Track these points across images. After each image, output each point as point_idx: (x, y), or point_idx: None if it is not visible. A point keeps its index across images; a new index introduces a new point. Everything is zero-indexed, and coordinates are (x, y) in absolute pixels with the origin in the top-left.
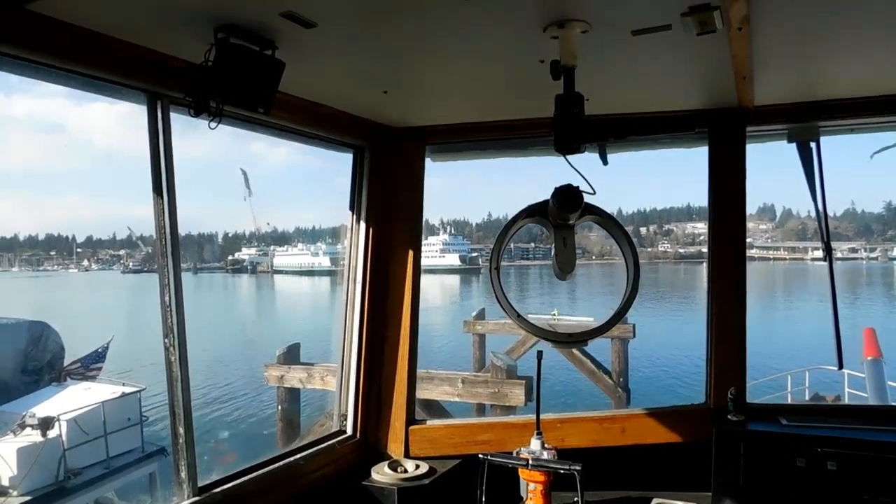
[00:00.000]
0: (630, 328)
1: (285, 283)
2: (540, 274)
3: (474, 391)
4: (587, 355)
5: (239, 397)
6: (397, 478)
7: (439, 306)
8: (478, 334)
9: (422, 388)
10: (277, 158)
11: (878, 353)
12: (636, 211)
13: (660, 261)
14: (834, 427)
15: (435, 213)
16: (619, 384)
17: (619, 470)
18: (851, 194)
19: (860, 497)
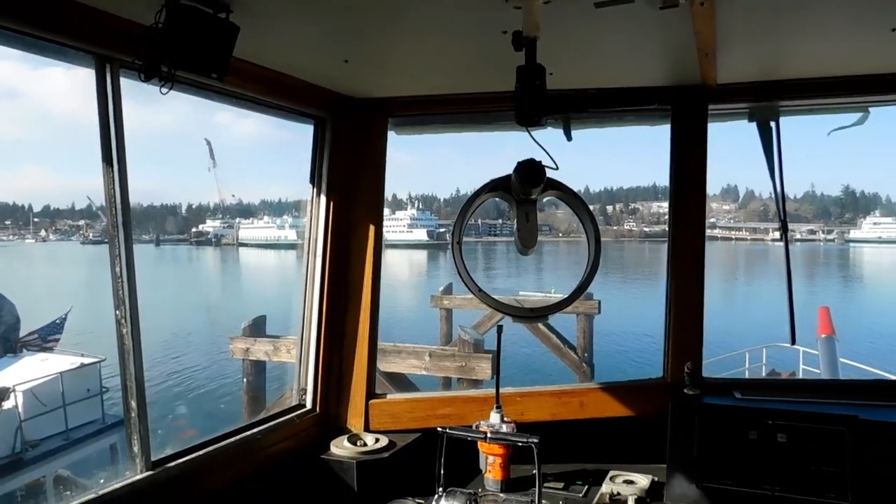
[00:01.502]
0: (595, 304)
1: (251, 257)
2: (507, 250)
3: (441, 364)
4: (553, 331)
5: (203, 371)
6: (356, 451)
7: (407, 281)
8: (445, 309)
9: (388, 361)
10: (244, 130)
11: (832, 330)
12: (603, 189)
13: (625, 239)
14: (785, 401)
15: (403, 188)
16: (583, 359)
17: (578, 443)
18: (811, 177)
19: (808, 467)
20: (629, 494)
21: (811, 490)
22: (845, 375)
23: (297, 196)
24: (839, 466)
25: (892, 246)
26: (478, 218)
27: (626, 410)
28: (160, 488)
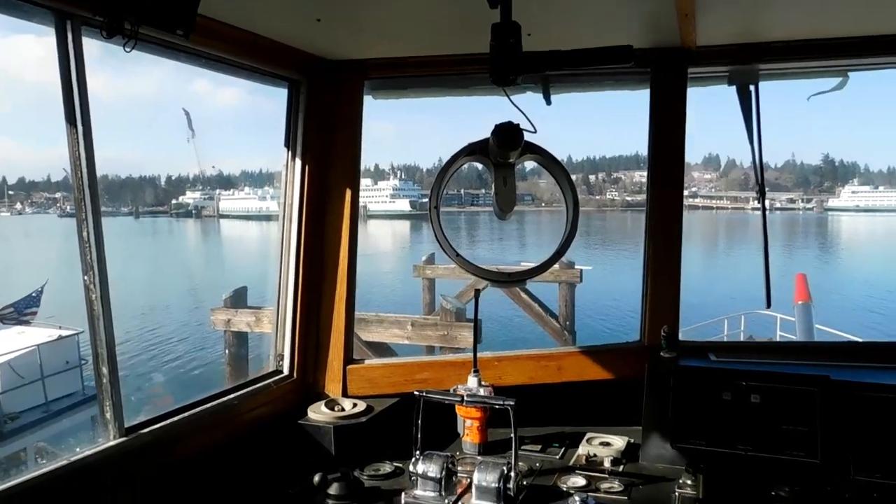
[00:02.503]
0: (577, 273)
1: (232, 228)
2: (490, 220)
3: (424, 334)
4: (535, 299)
5: (183, 342)
6: (334, 416)
7: (390, 252)
8: (427, 279)
9: (371, 330)
10: (224, 99)
11: (808, 297)
12: (585, 159)
13: (608, 209)
14: (758, 362)
15: (385, 159)
16: (565, 327)
17: (556, 406)
18: (792, 146)
19: (779, 427)
20: (605, 456)
21: (783, 449)
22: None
23: (279, 167)
24: (810, 425)
25: (869, 214)
26: (460, 188)
27: (603, 374)
28: (133, 455)
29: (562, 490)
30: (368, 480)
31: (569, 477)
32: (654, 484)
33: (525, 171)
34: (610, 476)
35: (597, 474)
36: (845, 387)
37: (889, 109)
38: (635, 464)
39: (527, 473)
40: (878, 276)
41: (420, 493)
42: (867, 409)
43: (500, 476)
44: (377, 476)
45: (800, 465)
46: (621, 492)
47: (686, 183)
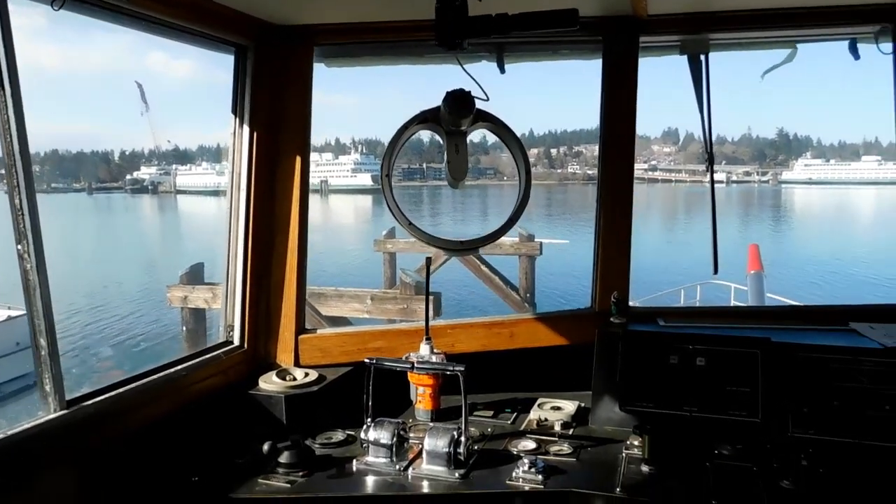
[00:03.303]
0: (537, 246)
1: (190, 204)
2: (452, 193)
3: (383, 307)
4: (495, 271)
5: (138, 319)
6: (285, 386)
7: (352, 226)
8: (388, 253)
9: (330, 305)
10: (179, 72)
11: (760, 266)
12: (547, 132)
13: (569, 182)
14: (705, 327)
15: (346, 133)
16: (525, 299)
17: (508, 372)
18: (748, 120)
19: (723, 388)
20: (556, 420)
21: (726, 409)
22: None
23: None
24: (752, 386)
25: (821, 187)
26: (423, 162)
27: (555, 340)
28: (75, 427)
29: (512, 453)
30: (320, 449)
31: (519, 441)
32: (603, 446)
33: (487, 145)
34: (560, 439)
35: (547, 438)
36: (784, 348)
37: (839, 85)
38: (585, 427)
39: (478, 438)
40: (825, 247)
41: (372, 459)
42: (803, 368)
43: (451, 441)
44: (329, 444)
45: (742, 424)
46: (570, 454)
47: (646, 157)
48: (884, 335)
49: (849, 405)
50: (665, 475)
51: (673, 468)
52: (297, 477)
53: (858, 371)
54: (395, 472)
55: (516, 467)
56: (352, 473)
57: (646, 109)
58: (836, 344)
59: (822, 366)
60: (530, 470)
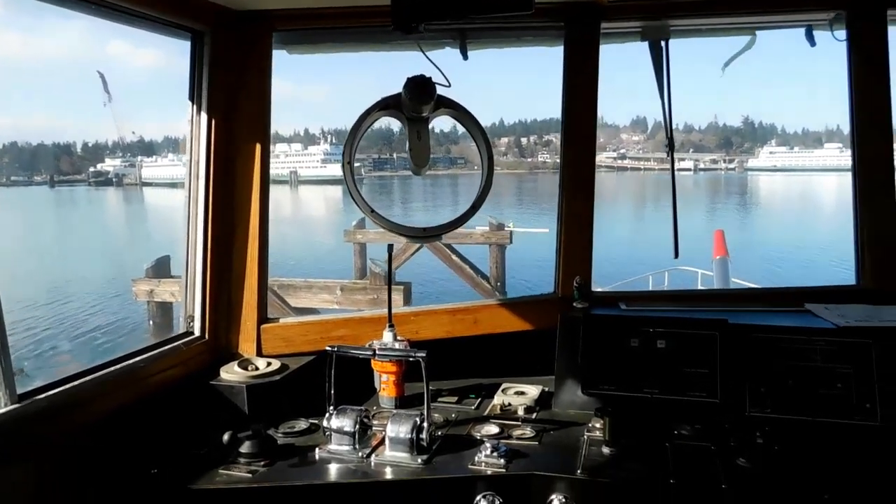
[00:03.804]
0: (507, 235)
1: (156, 197)
2: (423, 183)
3: (353, 298)
4: (465, 261)
5: (103, 314)
6: (247, 375)
7: (322, 217)
8: (359, 243)
9: (300, 296)
10: (143, 61)
11: (726, 252)
12: (517, 121)
13: (539, 171)
14: (665, 310)
15: (316, 122)
16: (496, 288)
17: (473, 359)
18: (715, 108)
19: (683, 370)
20: (519, 404)
21: (685, 390)
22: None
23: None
24: (710, 367)
25: (785, 174)
26: (393, 152)
27: (518, 325)
28: (27, 422)
29: (475, 438)
30: (283, 438)
31: (483, 426)
32: (565, 429)
33: (458, 135)
34: (523, 423)
35: (510, 422)
36: (741, 329)
37: (802, 73)
38: (548, 411)
39: (442, 424)
40: (788, 233)
41: (334, 447)
42: (760, 349)
43: (413, 427)
44: (292, 433)
45: (701, 404)
46: (533, 437)
47: (615, 145)
48: (837, 315)
49: (803, 384)
50: (625, 456)
51: (633, 449)
52: (258, 466)
53: (812, 350)
54: (358, 459)
55: (479, 452)
56: (314, 462)
57: (614, 98)
58: (791, 325)
59: (778, 346)
60: (493, 454)
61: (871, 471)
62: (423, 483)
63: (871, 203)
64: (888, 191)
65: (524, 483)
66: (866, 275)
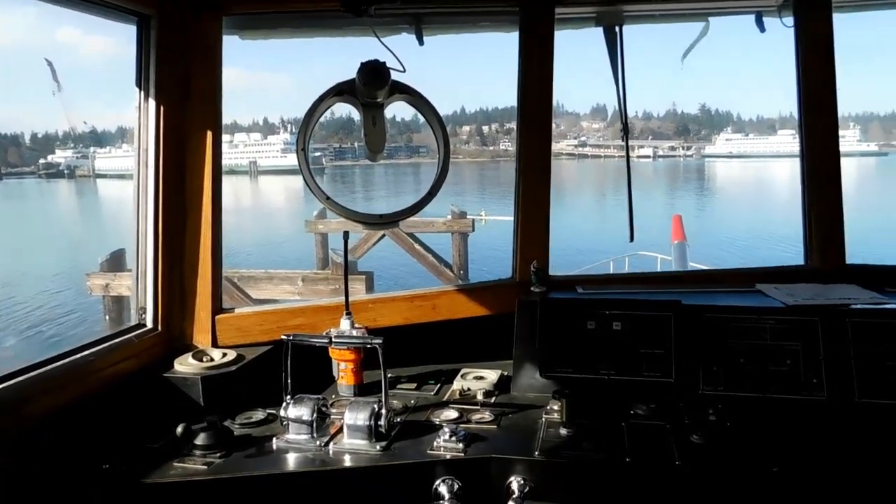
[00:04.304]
0: (469, 223)
1: (111, 188)
2: (385, 172)
3: (315, 289)
4: (428, 249)
5: (55, 309)
6: (202, 367)
7: (282, 207)
8: (320, 233)
9: (261, 288)
10: (95, 48)
11: (684, 236)
12: (479, 109)
13: (501, 159)
14: (621, 292)
15: (275, 112)
16: (459, 276)
17: (432, 345)
18: (672, 96)
19: (638, 351)
20: (478, 389)
21: (641, 371)
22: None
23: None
24: (665, 348)
25: (741, 160)
26: (354, 141)
27: (477, 311)
28: None
29: (434, 424)
30: (239, 429)
31: (442, 411)
32: (524, 412)
33: (419, 123)
34: (482, 408)
35: (469, 407)
36: (694, 310)
37: (756, 60)
38: (507, 395)
39: (401, 411)
40: (742, 217)
41: (292, 436)
42: (712, 329)
43: (371, 414)
44: (248, 424)
45: (656, 384)
46: (491, 421)
47: (576, 133)
48: (786, 294)
49: (754, 362)
50: (582, 436)
51: (590, 429)
52: (214, 458)
53: (762, 329)
54: (316, 447)
55: (438, 437)
56: (271, 451)
57: (575, 86)
58: (742, 304)
59: (730, 325)
60: (451, 439)
61: (817, 443)
62: (381, 469)
63: (818, 186)
64: (834, 174)
65: (483, 466)
66: (814, 255)
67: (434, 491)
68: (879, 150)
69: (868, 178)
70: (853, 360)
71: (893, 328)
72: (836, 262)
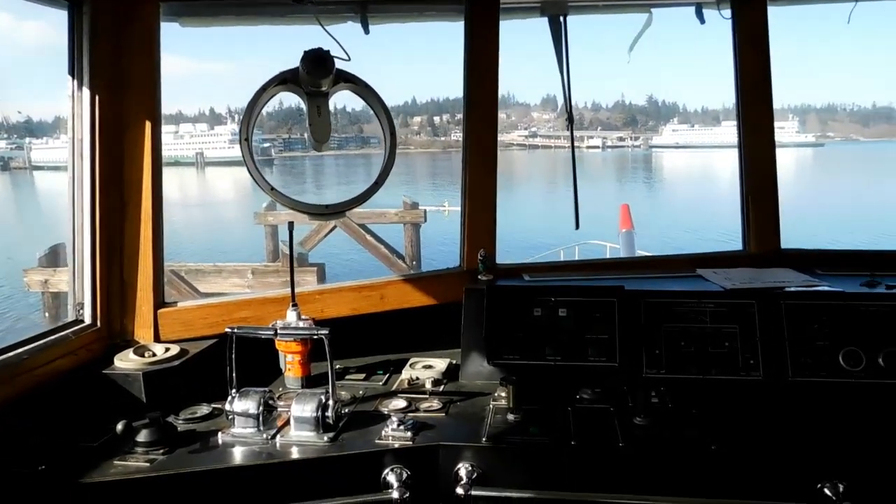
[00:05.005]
0: (421, 213)
1: (49, 181)
2: (336, 164)
3: (265, 281)
4: (380, 240)
5: None
6: (143, 362)
7: (231, 199)
8: (270, 225)
9: (209, 281)
10: (28, 35)
11: (631, 225)
12: (430, 100)
13: (453, 150)
14: (566, 279)
15: (222, 101)
16: (412, 267)
17: (380, 335)
18: (621, 87)
19: (584, 336)
20: (427, 378)
21: (587, 356)
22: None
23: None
24: (609, 332)
25: (687, 150)
26: (303, 132)
27: (425, 300)
28: None
29: (383, 413)
30: (183, 424)
31: (390, 401)
32: (471, 399)
33: (370, 114)
34: (430, 396)
35: (418, 396)
36: (637, 295)
37: (700, 54)
38: (455, 383)
39: (349, 401)
40: (688, 206)
41: (238, 430)
42: (655, 313)
43: (318, 405)
44: (193, 419)
45: (601, 368)
46: (439, 409)
47: (526, 123)
48: (724, 278)
49: (694, 344)
50: (529, 422)
51: (537, 415)
52: (156, 455)
53: (702, 313)
54: (263, 441)
55: (386, 426)
56: (217, 446)
57: (525, 77)
58: (683, 289)
59: (671, 309)
60: (399, 428)
61: (753, 421)
62: (329, 460)
63: (755, 173)
64: (770, 163)
65: (431, 454)
66: (751, 240)
67: (383, 480)
68: (816, 141)
69: (806, 168)
70: (787, 341)
71: (824, 309)
72: (772, 247)
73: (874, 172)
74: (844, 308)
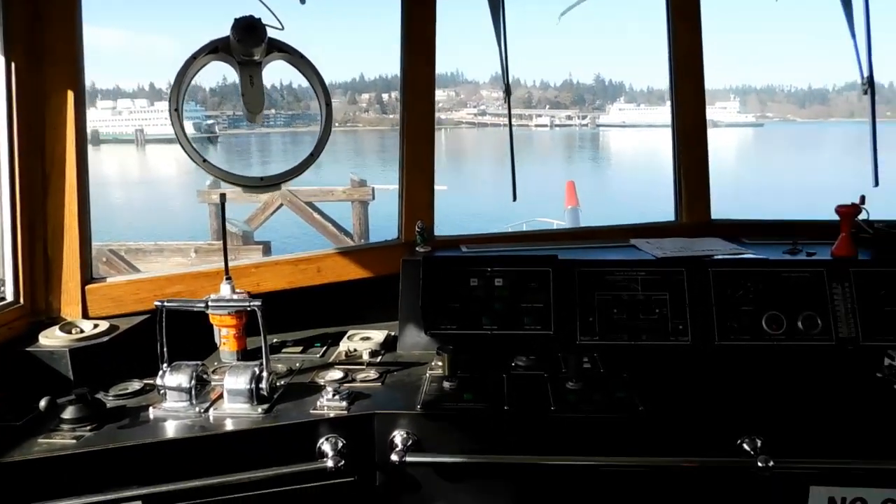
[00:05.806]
0: (369, 191)
1: None
2: (283, 140)
3: (209, 259)
4: (327, 218)
5: None
6: (70, 339)
7: (173, 178)
8: (214, 203)
9: (150, 260)
10: None
11: (577, 202)
12: (378, 77)
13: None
14: (502, 249)
15: (162, 77)
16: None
17: (318, 308)
18: (569, 66)
19: (519, 305)
20: (364, 349)
21: (522, 324)
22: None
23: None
24: (544, 301)
25: (633, 129)
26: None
27: (363, 273)
28: None
29: (319, 385)
30: (113, 401)
31: (327, 372)
32: (408, 369)
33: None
34: (367, 367)
35: (355, 367)
36: (570, 264)
37: (646, 33)
38: (393, 353)
39: (284, 374)
40: (631, 182)
41: (170, 404)
42: (588, 281)
43: (252, 377)
44: (123, 395)
45: (537, 336)
46: (376, 379)
47: (475, 101)
48: (656, 248)
49: (626, 311)
50: (464, 389)
51: (472, 382)
52: (84, 432)
53: (634, 281)
54: (195, 414)
55: (321, 397)
56: (148, 421)
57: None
58: (615, 258)
59: (604, 278)
60: (334, 398)
61: (681, 384)
62: (263, 431)
63: (686, 146)
64: (700, 135)
65: (367, 422)
66: (683, 211)
67: (318, 449)
68: (756, 121)
69: (745, 147)
70: (714, 307)
71: (749, 276)
72: (703, 218)
73: (806, 152)
74: (768, 274)
